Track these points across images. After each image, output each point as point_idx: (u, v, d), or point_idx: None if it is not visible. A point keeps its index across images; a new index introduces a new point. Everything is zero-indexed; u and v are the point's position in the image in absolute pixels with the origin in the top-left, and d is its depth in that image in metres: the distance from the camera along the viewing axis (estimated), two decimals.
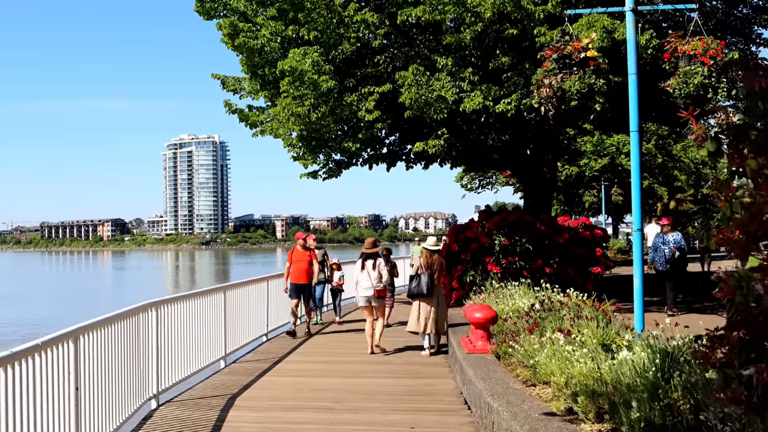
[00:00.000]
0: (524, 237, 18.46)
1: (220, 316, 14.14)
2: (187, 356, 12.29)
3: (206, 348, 13.35)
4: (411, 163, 22.07)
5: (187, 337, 12.27)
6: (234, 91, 21.26)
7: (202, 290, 13.47)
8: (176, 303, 11.75)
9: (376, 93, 17.74)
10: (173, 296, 11.82)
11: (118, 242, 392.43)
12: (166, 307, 11.28)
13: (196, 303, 12.78)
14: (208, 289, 13.88)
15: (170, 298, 11.60)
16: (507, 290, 15.49)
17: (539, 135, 20.48)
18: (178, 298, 11.93)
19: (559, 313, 11.52)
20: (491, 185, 50.15)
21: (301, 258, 17.68)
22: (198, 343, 12.87)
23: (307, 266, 17.62)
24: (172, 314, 11.54)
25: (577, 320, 10.98)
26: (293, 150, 21.16)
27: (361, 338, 16.52)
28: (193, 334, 12.63)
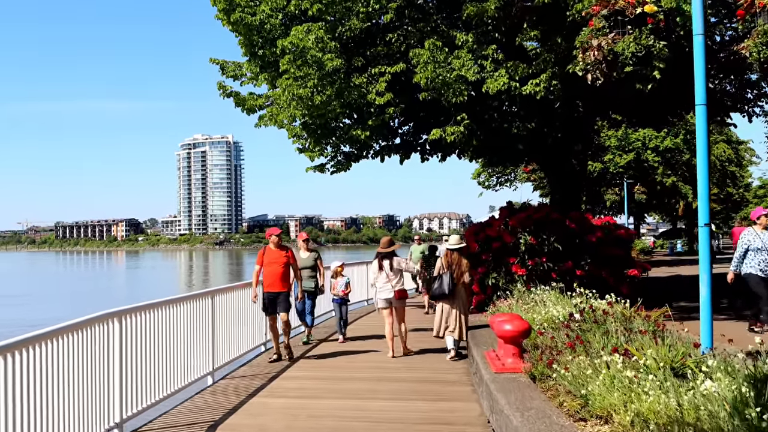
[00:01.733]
0: (552, 236, 16.60)
1: (206, 326, 12.31)
2: (164, 374, 10.42)
3: (189, 363, 11.48)
4: (426, 155, 20.13)
5: (163, 351, 10.40)
6: (234, 77, 19.36)
7: (183, 296, 11.46)
8: (147, 312, 9.85)
9: (387, 73, 15.80)
10: (143, 304, 9.89)
11: (132, 242, 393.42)
12: (134, 318, 9.42)
13: (174, 311, 10.90)
14: (190, 294, 11.88)
15: (139, 306, 9.70)
16: (536, 295, 13.62)
17: (568, 123, 18.52)
18: (149, 307, 9.99)
19: (604, 325, 9.66)
20: (510, 182, 48.11)
21: (276, 259, 14.12)
22: (179, 358, 11.02)
23: (282, 269, 14.06)
24: (142, 325, 9.68)
25: (628, 334, 9.12)
26: (298, 141, 19.32)
27: (369, 354, 15.04)
28: (172, 347, 10.77)
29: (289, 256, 14.32)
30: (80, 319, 8.10)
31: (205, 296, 12.42)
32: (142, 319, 9.68)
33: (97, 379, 8.39)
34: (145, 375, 9.74)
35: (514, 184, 48.33)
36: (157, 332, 10.22)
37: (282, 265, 14.14)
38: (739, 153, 56.23)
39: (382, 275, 14.54)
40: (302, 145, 19.47)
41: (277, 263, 14.11)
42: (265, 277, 14.10)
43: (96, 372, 8.36)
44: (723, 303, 19.00)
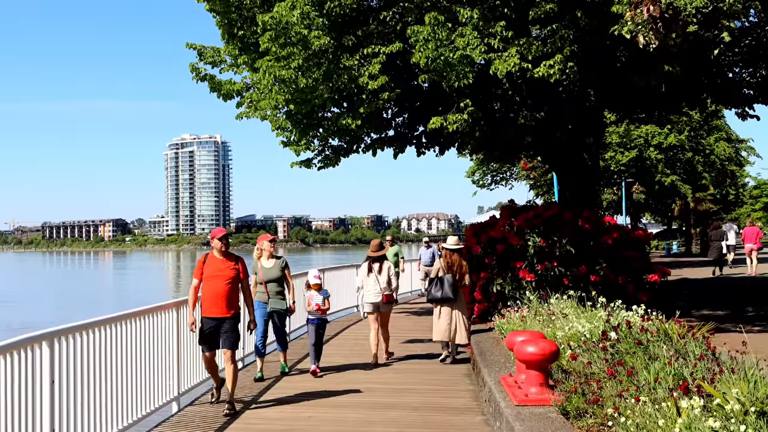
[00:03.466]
0: (564, 237, 14.92)
1: (171, 343, 10.53)
2: (114, 405, 8.65)
3: (148, 389, 9.71)
4: (423, 148, 18.32)
5: (113, 377, 8.63)
6: (213, 64, 17.54)
7: (140, 310, 9.70)
8: (87, 332, 8.06)
9: (382, 54, 13.94)
10: (82, 323, 8.08)
11: (119, 243, 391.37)
12: (71, 340, 7.63)
13: (128, 329, 9.13)
14: (149, 308, 10.01)
15: (77, 326, 7.90)
16: (552, 306, 11.93)
17: (579, 114, 16.78)
18: (91, 326, 8.19)
19: (647, 346, 7.95)
20: (506, 181, 46.39)
21: (219, 272, 10.24)
22: (135, 385, 9.25)
23: (227, 286, 10.19)
24: (84, 348, 7.91)
25: (680, 358, 7.43)
26: (282, 134, 17.50)
27: (355, 372, 13.35)
28: (126, 372, 9.00)
29: (238, 269, 10.40)
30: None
31: (168, 308, 10.60)
32: (82, 340, 7.89)
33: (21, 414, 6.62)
34: (85, 407, 7.94)
35: (510, 182, 46.62)
36: (105, 355, 8.44)
37: (228, 280, 10.23)
38: (738, 152, 54.71)
39: (371, 278, 14.12)
40: (287, 138, 17.66)
41: (220, 277, 10.22)
42: (204, 297, 10.29)
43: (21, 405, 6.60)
44: (750, 311, 17.39)
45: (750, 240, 31.34)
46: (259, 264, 12.97)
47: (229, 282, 10.29)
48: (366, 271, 14.25)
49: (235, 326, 10.31)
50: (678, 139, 42.54)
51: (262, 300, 12.69)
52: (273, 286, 12.80)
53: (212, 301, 10.20)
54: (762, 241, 34.68)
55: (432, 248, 26.27)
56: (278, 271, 12.91)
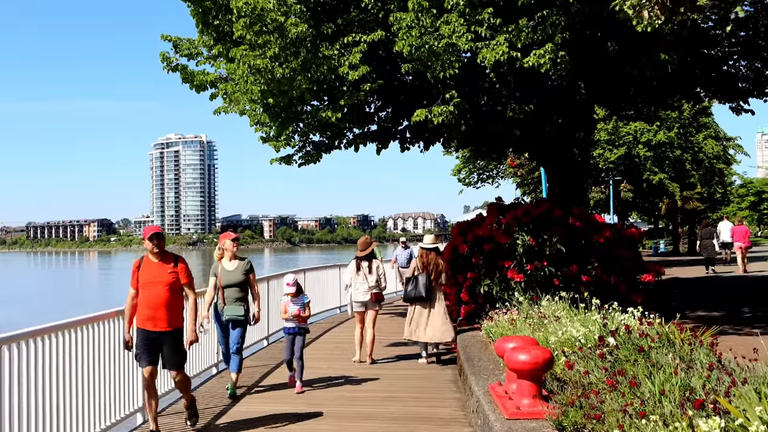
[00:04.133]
0: (555, 236, 14.23)
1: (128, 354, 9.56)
2: (66, 417, 7.93)
3: (108, 400, 8.98)
4: (407, 143, 17.62)
5: (66, 386, 7.92)
6: (189, 56, 16.78)
7: (95, 316, 8.91)
8: (36, 340, 7.33)
9: (363, 42, 13.23)
10: (30, 330, 7.33)
11: (104, 243, 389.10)
12: (15, 348, 6.93)
13: (82, 336, 8.42)
14: (106, 313, 9.25)
15: (24, 333, 7.18)
16: (544, 308, 11.25)
17: (569, 107, 16.11)
18: (40, 333, 7.44)
19: (649, 353, 7.30)
20: (492, 179, 45.72)
21: (156, 277, 8.72)
22: (92, 395, 8.55)
23: (167, 294, 8.67)
24: (29, 357, 7.21)
25: (688, 369, 6.77)
26: (261, 129, 16.79)
27: (337, 377, 12.67)
28: (81, 381, 8.30)
29: (178, 272, 8.85)
30: None
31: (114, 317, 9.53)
32: (28, 349, 7.18)
33: None
34: (34, 421, 7.22)
35: (497, 180, 45.99)
36: (58, 364, 7.75)
37: (166, 286, 8.70)
38: (726, 149, 54.32)
39: (360, 276, 13.96)
40: (266, 134, 16.95)
41: (157, 284, 8.69)
42: (140, 308, 8.71)
43: None
44: (746, 312, 16.79)
45: (739, 238, 31.59)
46: (220, 266, 11.48)
47: (168, 289, 8.70)
48: (354, 270, 14.05)
49: (179, 343, 8.82)
50: (667, 136, 42.03)
51: (219, 308, 11.33)
52: (233, 292, 11.20)
53: (149, 313, 8.62)
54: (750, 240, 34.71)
55: (410, 249, 25.27)
56: (241, 274, 11.35)
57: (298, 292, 11.52)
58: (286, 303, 11.49)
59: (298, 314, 11.39)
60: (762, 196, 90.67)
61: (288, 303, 11.45)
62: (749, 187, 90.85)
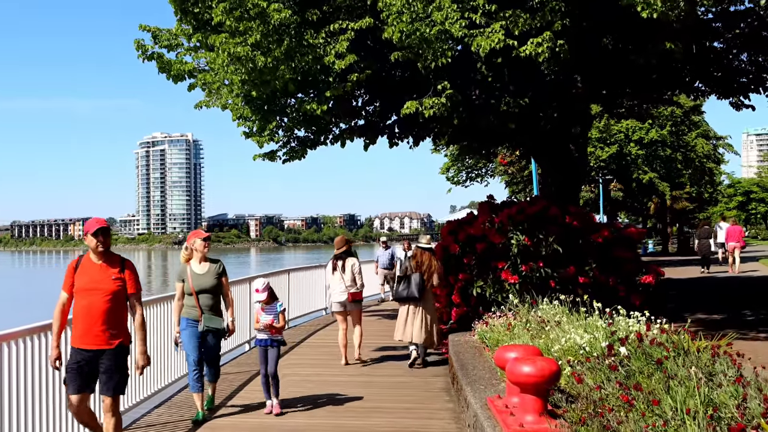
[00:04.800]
0: (551, 235, 13.57)
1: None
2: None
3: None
4: (396, 139, 16.87)
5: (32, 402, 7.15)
6: (169, 47, 16.00)
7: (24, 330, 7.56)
8: None
9: (350, 30, 12.48)
10: None
11: None
12: None
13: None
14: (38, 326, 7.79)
15: None
16: (542, 312, 10.56)
17: (566, 100, 15.42)
18: None
19: (666, 363, 6.63)
20: (481, 177, 45.01)
21: (96, 283, 7.16)
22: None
23: (107, 305, 7.13)
24: None
25: (709, 381, 6.10)
26: (244, 124, 16.05)
27: (320, 384, 11.96)
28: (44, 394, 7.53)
29: (124, 278, 7.26)
30: None
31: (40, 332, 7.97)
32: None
33: None
34: None
35: (486, 179, 45.28)
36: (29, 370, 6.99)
37: (108, 295, 7.13)
38: (716, 148, 53.92)
39: (336, 276, 13.70)
40: (249, 129, 16.22)
41: (97, 292, 7.11)
42: (75, 319, 7.23)
43: None
44: (748, 315, 16.19)
45: (733, 239, 31.51)
46: (189, 269, 10.01)
47: (110, 298, 7.13)
48: (331, 270, 13.82)
49: (121, 363, 7.18)
50: (660, 134, 41.48)
51: (191, 316, 9.81)
52: (206, 299, 9.83)
53: (86, 327, 7.08)
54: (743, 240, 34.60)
55: (391, 249, 24.52)
56: (212, 278, 9.99)
57: (270, 298, 10.17)
58: (258, 311, 10.21)
59: (271, 324, 10.06)
60: (750, 196, 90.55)
61: (259, 312, 10.17)
62: (737, 186, 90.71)
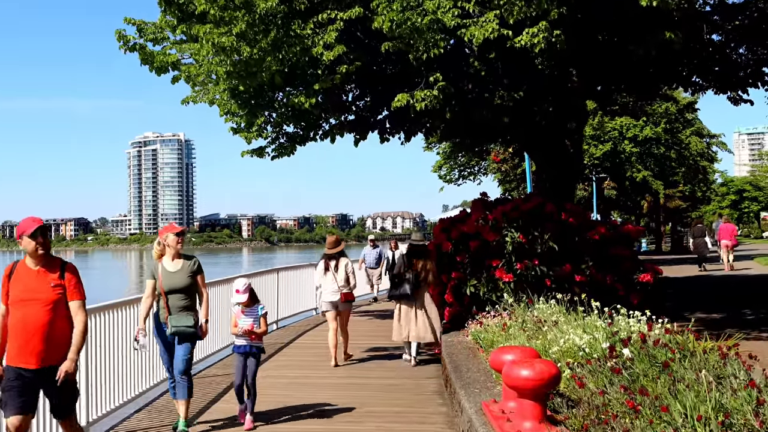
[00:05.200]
0: (547, 232, 13.18)
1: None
2: None
3: None
4: (387, 134, 16.44)
5: None
6: (155, 41, 15.58)
7: None
8: None
9: (339, 20, 12.04)
10: None
11: (81, 242, 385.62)
12: None
13: None
14: None
15: None
16: (539, 311, 10.16)
17: (561, 94, 15.03)
18: None
19: (673, 365, 6.26)
20: (474, 176, 44.52)
21: (33, 292, 6.36)
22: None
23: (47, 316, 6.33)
24: None
25: (718, 385, 5.72)
26: (232, 119, 15.67)
27: (308, 387, 11.52)
28: None
29: (64, 284, 6.44)
30: None
31: None
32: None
33: None
34: None
35: (479, 177, 44.81)
36: None
37: (47, 305, 6.34)
38: (710, 146, 53.58)
39: (328, 276, 13.43)
40: (236, 124, 15.85)
41: (35, 301, 6.33)
42: (11, 334, 6.38)
43: None
44: (748, 314, 15.83)
45: (726, 237, 31.55)
46: (160, 266, 8.99)
47: (50, 309, 6.28)
48: (323, 269, 13.53)
49: (68, 380, 6.33)
50: (654, 132, 41.12)
51: (162, 319, 8.87)
52: (177, 299, 8.79)
53: (22, 343, 6.27)
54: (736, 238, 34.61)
55: (378, 248, 24.09)
56: (186, 277, 8.90)
57: (251, 300, 9.32)
58: (237, 314, 9.28)
59: (251, 330, 9.18)
60: (743, 194, 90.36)
61: (238, 314, 9.25)
62: (730, 185, 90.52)
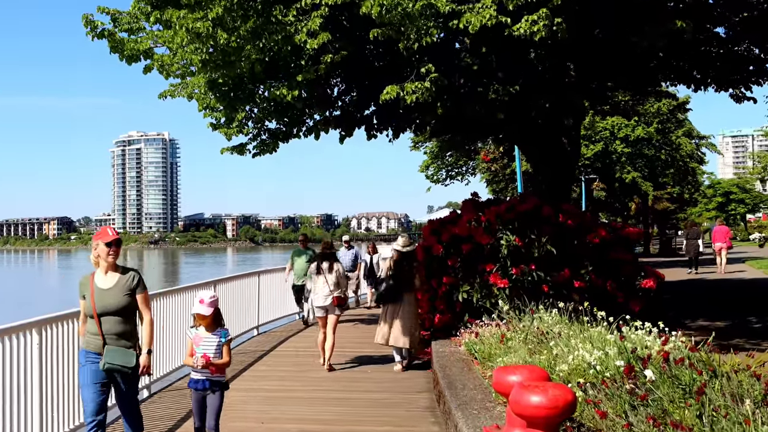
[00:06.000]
0: (544, 235, 12.37)
1: None
2: None
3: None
4: (374, 130, 15.54)
5: None
6: (130, 31, 14.65)
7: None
8: None
9: (324, 6, 11.14)
10: None
11: (64, 241, 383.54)
12: None
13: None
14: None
15: None
16: (540, 321, 9.35)
17: (557, 88, 14.21)
18: None
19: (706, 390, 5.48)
20: (461, 176, 43.72)
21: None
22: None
23: None
24: None
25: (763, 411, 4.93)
26: (211, 114, 14.82)
27: (288, 402, 10.61)
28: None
29: None
30: None
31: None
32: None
33: None
34: None
35: (467, 177, 44.01)
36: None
37: None
38: (699, 148, 53.06)
39: (320, 280, 13.08)
40: (216, 120, 15.01)
41: None
42: None
43: None
44: (754, 322, 15.11)
45: (720, 239, 31.40)
46: (92, 282, 7.13)
47: None
48: (315, 272, 13.22)
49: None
50: (646, 131, 40.45)
51: (93, 348, 7.03)
52: (112, 323, 7.00)
53: None
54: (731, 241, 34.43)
55: (354, 249, 23.22)
56: (122, 295, 7.09)
57: (214, 323, 7.32)
58: (193, 340, 7.26)
59: (208, 362, 7.13)
60: (730, 196, 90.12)
61: (195, 340, 7.23)
62: (717, 187, 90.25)
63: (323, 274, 13.10)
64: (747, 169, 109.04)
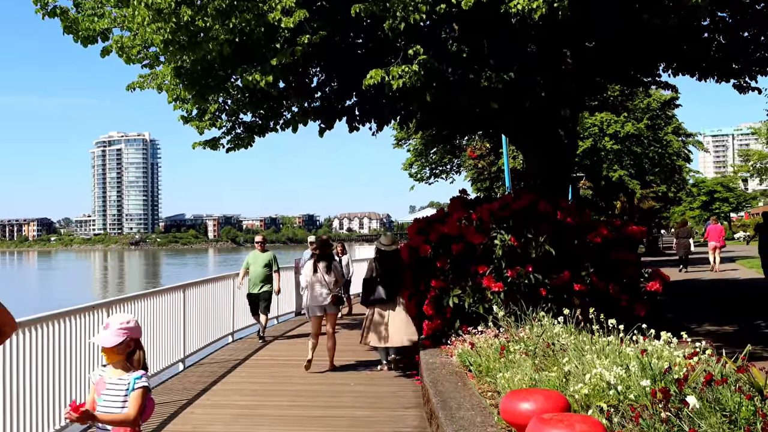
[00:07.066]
0: (542, 234, 11.38)
1: None
2: None
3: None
4: (357, 122, 14.46)
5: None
6: (96, 16, 13.53)
7: None
8: None
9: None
10: None
11: (44, 242, 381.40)
12: None
13: None
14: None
15: None
16: (544, 329, 8.34)
17: (554, 76, 13.20)
18: None
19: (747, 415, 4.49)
20: (446, 174, 42.65)
21: None
22: None
23: None
24: None
25: None
26: (181, 106, 13.80)
27: (265, 419, 9.46)
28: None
29: None
30: None
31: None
32: None
33: None
34: None
35: (451, 175, 42.96)
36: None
37: None
38: (686, 146, 52.37)
39: (317, 278, 12.81)
40: (187, 112, 14.01)
41: None
42: None
43: None
44: (763, 325, 14.19)
45: (714, 238, 31.30)
46: None
47: None
48: (311, 271, 12.86)
49: None
50: (636, 128, 39.54)
51: None
52: None
53: None
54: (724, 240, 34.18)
55: None
56: None
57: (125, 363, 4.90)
58: (96, 385, 4.89)
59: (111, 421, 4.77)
60: (714, 195, 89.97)
61: (97, 387, 4.88)
62: (701, 186, 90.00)
63: (320, 273, 12.77)
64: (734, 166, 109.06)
